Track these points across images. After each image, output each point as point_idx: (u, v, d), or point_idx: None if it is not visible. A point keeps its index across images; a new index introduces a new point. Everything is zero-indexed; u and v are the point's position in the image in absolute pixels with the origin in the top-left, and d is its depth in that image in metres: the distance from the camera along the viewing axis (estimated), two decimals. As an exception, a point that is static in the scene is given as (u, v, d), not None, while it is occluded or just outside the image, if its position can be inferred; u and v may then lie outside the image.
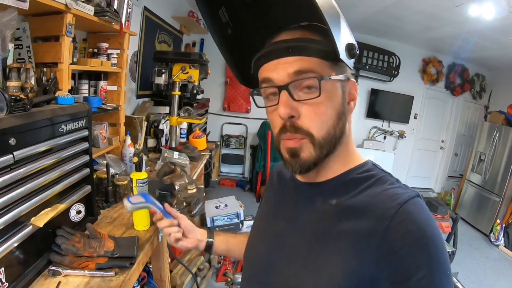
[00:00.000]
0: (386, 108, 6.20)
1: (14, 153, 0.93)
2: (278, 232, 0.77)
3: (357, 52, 0.65)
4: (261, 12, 0.75)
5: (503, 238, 4.65)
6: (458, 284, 2.49)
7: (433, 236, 0.58)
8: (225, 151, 6.06)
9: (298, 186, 0.79)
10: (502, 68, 6.00)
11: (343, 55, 0.62)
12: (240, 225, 3.43)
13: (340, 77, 0.67)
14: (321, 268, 0.63)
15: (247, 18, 0.77)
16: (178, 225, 1.03)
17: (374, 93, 6.09)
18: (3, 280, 0.92)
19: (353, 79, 0.72)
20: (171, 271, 2.56)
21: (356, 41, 0.65)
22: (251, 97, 0.75)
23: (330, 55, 0.63)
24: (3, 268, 0.91)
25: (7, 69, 1.04)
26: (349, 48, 0.63)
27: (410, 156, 6.65)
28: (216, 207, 3.48)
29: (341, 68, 0.67)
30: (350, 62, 0.66)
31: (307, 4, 0.56)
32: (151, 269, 2.06)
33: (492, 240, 4.73)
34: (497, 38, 4.17)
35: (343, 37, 0.62)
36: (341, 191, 0.69)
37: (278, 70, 0.65)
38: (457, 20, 3.83)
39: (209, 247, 1.07)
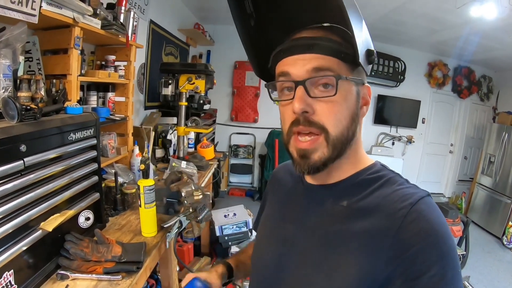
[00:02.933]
0: (394, 114, 6.18)
1: (25, 159, 0.96)
2: (287, 235, 0.77)
3: (375, 59, 0.66)
4: (284, 8, 0.75)
5: (515, 241, 4.57)
6: (470, 288, 2.46)
7: (445, 234, 0.59)
8: (233, 161, 6.09)
9: (306, 188, 0.79)
10: (508, 69, 5.97)
11: (362, 59, 0.63)
12: (249, 234, 3.43)
13: (357, 80, 0.67)
14: (334, 270, 0.64)
15: (270, 12, 0.77)
16: None
17: (381, 99, 6.08)
18: (13, 282, 0.94)
19: (368, 84, 0.72)
20: (180, 280, 2.57)
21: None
22: (267, 89, 0.75)
23: (349, 58, 0.64)
24: (12, 271, 0.94)
25: (18, 81, 1.09)
26: (369, 54, 0.66)
27: (419, 161, 6.60)
28: (225, 216, 3.49)
29: (358, 72, 0.68)
30: (368, 68, 0.68)
31: (333, 6, 0.58)
32: (160, 277, 2.08)
33: (505, 243, 4.65)
34: (500, 38, 4.16)
35: (364, 42, 0.64)
36: (352, 193, 0.69)
37: (297, 65, 0.66)
38: (459, 22, 3.84)
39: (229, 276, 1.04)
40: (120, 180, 1.88)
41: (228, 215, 3.53)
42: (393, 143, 6.35)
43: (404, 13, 3.95)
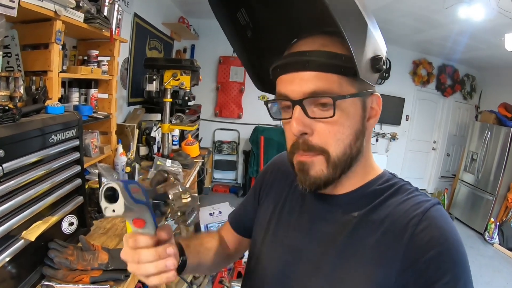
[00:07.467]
0: (378, 111, 6.21)
1: (3, 165, 0.91)
2: (293, 245, 0.73)
3: (384, 66, 0.61)
4: (283, 14, 0.71)
5: (497, 236, 4.69)
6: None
7: (456, 241, 0.59)
8: (217, 157, 6.02)
9: (313, 197, 0.75)
10: (492, 68, 6.07)
11: (363, 73, 0.57)
12: (235, 232, 3.41)
13: (361, 93, 0.63)
14: (347, 281, 0.62)
15: (268, 19, 0.73)
16: None
17: (365, 96, 6.10)
18: (-5, 296, 0.88)
19: (377, 93, 0.68)
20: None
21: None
22: (266, 107, 0.70)
23: (351, 71, 0.58)
24: (-6, 284, 0.89)
25: (-5, 78, 1.01)
26: (374, 62, 0.60)
27: (403, 158, 6.69)
28: (210, 214, 3.46)
29: (364, 82, 0.61)
30: (374, 77, 0.62)
31: (327, 12, 0.51)
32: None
33: (487, 238, 4.77)
34: (486, 39, 4.20)
35: (368, 50, 0.58)
36: (362, 203, 0.67)
37: (293, 85, 0.61)
38: (446, 22, 3.86)
39: (181, 268, 0.72)
40: (104, 180, 1.81)
41: (214, 213, 3.50)
42: (377, 140, 6.41)
43: (392, 12, 3.94)
